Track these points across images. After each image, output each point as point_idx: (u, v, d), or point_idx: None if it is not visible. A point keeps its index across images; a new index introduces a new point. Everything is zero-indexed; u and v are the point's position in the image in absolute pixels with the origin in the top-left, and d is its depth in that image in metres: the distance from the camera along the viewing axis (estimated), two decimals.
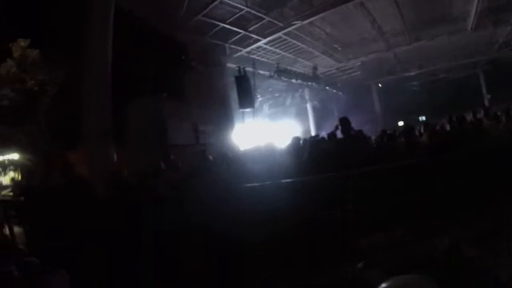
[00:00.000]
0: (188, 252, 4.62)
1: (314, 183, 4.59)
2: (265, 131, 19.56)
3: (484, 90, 28.41)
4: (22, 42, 14.23)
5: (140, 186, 6.87)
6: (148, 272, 4.58)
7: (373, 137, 9.37)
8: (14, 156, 16.01)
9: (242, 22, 17.05)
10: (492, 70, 27.08)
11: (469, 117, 8.60)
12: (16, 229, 7.72)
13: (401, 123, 23.42)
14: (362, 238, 4.13)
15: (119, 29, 11.77)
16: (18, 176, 16.11)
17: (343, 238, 4.13)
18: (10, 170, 16.91)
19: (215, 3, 14.39)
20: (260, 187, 4.81)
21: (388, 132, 9.27)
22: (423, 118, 26.02)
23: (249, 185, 4.93)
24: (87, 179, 7.76)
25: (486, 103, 25.37)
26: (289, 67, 23.16)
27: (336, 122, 6.38)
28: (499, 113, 8.68)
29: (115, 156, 11.10)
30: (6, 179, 17.09)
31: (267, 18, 16.42)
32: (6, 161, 16.55)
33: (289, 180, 4.91)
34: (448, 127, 8.10)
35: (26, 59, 14.37)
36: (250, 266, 4.46)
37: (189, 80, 16.43)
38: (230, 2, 14.61)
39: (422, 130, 9.08)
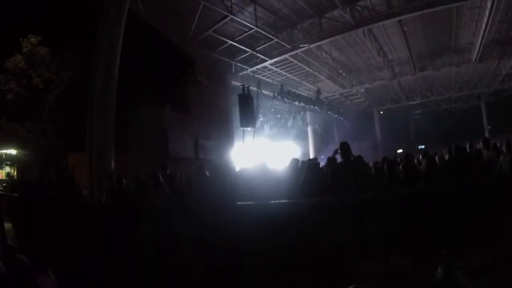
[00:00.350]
0: (178, 262, 4.59)
1: (311, 206, 4.57)
2: (264, 151, 19.48)
3: (485, 122, 28.64)
4: (33, 39, 14.36)
5: (139, 196, 6.85)
6: (138, 278, 4.55)
7: (371, 164, 9.34)
8: (12, 151, 15.96)
9: (251, 41, 17.20)
10: (494, 102, 27.26)
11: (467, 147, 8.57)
12: (7, 225, 7.65)
13: (400, 151, 23.42)
14: (358, 263, 4.11)
15: (130, 35, 11.83)
16: (14, 171, 16.06)
17: (339, 261, 4.10)
18: (6, 165, 16.84)
19: (226, 20, 14.52)
20: (254, 206, 4.78)
21: (388, 159, 9.24)
22: (423, 146, 26.09)
23: (241, 203, 4.89)
24: (77, 183, 7.80)
25: (486, 134, 25.49)
26: (293, 89, 23.21)
27: (336, 146, 6.37)
28: (498, 145, 8.67)
29: (113, 162, 11.08)
30: (2, 174, 16.99)
31: (276, 39, 16.53)
32: (4, 155, 16.47)
33: (285, 201, 4.89)
34: (447, 157, 8.08)
35: (35, 55, 14.49)
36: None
37: (193, 93, 16.51)
38: (241, 21, 14.72)
39: (421, 159, 9.07)
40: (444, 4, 13.56)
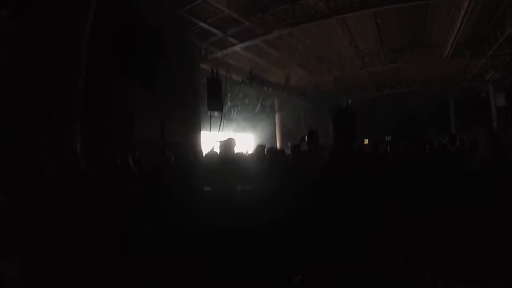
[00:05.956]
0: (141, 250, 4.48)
1: (271, 193, 4.52)
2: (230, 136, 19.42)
3: (452, 118, 29.28)
4: (3, 12, 13.81)
5: (105, 179, 6.69)
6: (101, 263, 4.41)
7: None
8: None
9: (222, 24, 16.93)
10: (462, 100, 27.85)
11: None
12: None
13: (366, 141, 23.68)
14: (311, 253, 4.06)
15: (100, 9, 11.38)
16: None
17: (289, 251, 4.06)
18: None
19: (199, 0, 14.26)
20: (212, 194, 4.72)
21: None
22: (389, 138, 26.41)
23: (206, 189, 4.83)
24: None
25: (453, 128, 26.18)
26: (262, 75, 23.14)
27: (303, 134, 6.33)
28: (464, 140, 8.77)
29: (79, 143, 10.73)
30: None
31: (247, 23, 16.34)
32: None
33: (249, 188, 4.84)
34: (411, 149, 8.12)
35: (5, 30, 13.96)
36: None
37: (161, 74, 16.15)
38: (213, 3, 14.52)
39: (388, 150, 9.13)
40: None
